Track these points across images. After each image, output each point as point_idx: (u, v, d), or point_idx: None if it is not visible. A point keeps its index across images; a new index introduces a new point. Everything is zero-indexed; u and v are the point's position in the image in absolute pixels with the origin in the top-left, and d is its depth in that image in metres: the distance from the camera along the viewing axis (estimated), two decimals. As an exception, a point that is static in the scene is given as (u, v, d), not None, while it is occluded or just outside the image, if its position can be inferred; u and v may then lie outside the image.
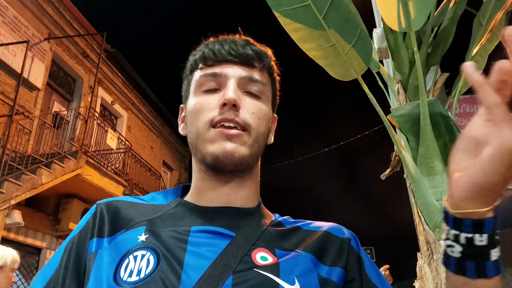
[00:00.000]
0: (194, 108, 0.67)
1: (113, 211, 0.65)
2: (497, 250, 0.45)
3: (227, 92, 0.64)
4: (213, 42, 0.71)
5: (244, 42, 0.71)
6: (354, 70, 1.68)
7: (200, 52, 0.71)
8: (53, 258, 0.63)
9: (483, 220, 0.45)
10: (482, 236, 0.45)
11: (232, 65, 0.68)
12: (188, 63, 0.74)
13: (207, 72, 0.68)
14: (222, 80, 0.67)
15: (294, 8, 1.53)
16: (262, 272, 0.57)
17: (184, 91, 0.75)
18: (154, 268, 0.57)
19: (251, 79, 0.68)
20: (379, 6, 1.85)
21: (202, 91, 0.68)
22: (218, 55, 0.68)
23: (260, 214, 0.69)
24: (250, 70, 0.69)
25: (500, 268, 0.46)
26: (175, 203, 0.69)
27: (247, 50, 0.69)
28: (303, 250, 0.63)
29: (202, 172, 0.68)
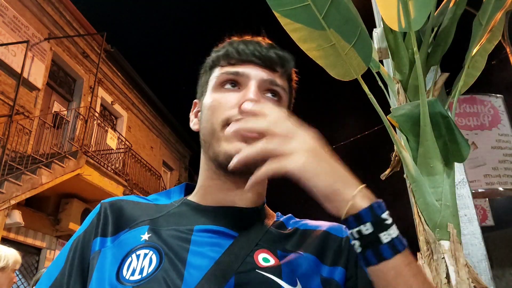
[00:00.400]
0: (211, 105, 0.66)
1: (117, 210, 0.66)
2: (386, 233, 0.50)
3: (248, 93, 0.63)
4: (237, 42, 0.71)
5: (269, 45, 0.71)
6: (354, 70, 1.68)
7: (223, 49, 0.70)
8: (59, 257, 0.64)
9: (359, 212, 0.51)
10: (366, 225, 0.50)
11: (255, 66, 0.67)
12: (208, 59, 0.73)
13: (229, 70, 0.67)
14: (243, 80, 0.66)
15: (294, 8, 1.53)
16: (264, 273, 0.57)
17: (201, 86, 0.74)
18: (156, 267, 0.57)
19: (272, 82, 0.67)
20: (379, 6, 1.85)
21: (221, 88, 0.67)
22: (242, 54, 0.68)
23: (263, 215, 0.69)
24: (271, 73, 0.68)
25: (397, 248, 0.50)
26: (179, 203, 0.69)
27: (271, 54, 0.68)
28: (305, 251, 0.64)
29: (211, 171, 0.67)
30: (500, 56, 6.09)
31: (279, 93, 0.68)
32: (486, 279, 1.80)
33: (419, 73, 1.66)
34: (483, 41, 1.92)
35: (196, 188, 0.71)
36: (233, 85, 0.67)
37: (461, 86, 1.89)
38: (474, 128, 4.99)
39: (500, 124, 5.04)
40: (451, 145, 1.62)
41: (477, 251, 1.91)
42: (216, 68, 0.70)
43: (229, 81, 0.67)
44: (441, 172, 1.65)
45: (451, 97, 1.92)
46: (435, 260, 1.56)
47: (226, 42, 0.73)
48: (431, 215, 1.61)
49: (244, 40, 0.71)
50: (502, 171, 4.77)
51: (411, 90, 1.91)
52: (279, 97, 0.68)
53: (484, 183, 4.72)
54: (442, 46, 1.94)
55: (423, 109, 1.59)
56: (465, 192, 2.04)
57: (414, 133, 1.68)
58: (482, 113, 5.09)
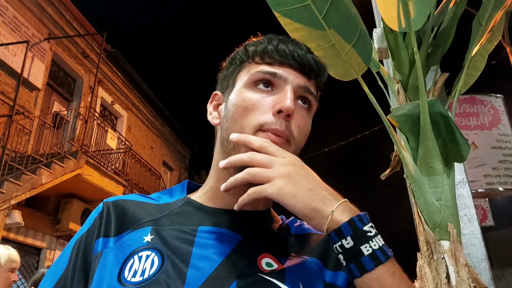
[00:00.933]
0: (243, 104, 0.63)
1: (119, 210, 0.65)
2: (367, 245, 0.52)
3: (286, 100, 0.60)
4: (277, 39, 0.67)
5: (307, 49, 0.68)
6: (354, 70, 1.68)
7: (261, 45, 0.66)
8: (62, 257, 0.63)
9: (340, 227, 0.53)
10: (347, 239, 0.52)
11: (293, 70, 0.64)
12: (239, 51, 0.69)
13: (266, 70, 0.64)
14: (279, 82, 0.63)
15: (294, 8, 1.53)
16: (267, 277, 0.57)
17: (225, 79, 0.70)
18: (158, 269, 0.56)
19: (306, 90, 0.65)
20: (379, 6, 1.85)
21: (254, 87, 0.64)
22: (282, 55, 0.64)
23: (268, 218, 0.68)
24: (307, 80, 0.65)
25: (379, 259, 0.52)
26: (182, 202, 0.68)
27: (309, 59, 0.65)
28: (309, 255, 0.63)
29: (226, 173, 0.64)
30: (500, 56, 6.09)
31: (310, 102, 0.66)
32: (486, 279, 1.80)
33: (419, 73, 1.66)
34: (483, 41, 1.92)
35: (204, 188, 0.69)
36: (266, 85, 0.64)
37: (461, 86, 1.89)
38: (474, 128, 4.99)
39: (500, 124, 5.04)
40: (451, 145, 1.62)
41: (477, 251, 1.91)
42: (250, 63, 0.66)
43: (264, 80, 0.64)
44: (441, 172, 1.64)
45: (451, 97, 1.92)
46: (435, 260, 1.55)
47: (263, 37, 0.69)
48: (431, 215, 1.61)
49: (284, 39, 0.68)
50: (502, 171, 4.77)
51: (411, 90, 1.91)
52: (309, 105, 0.66)
53: (484, 183, 4.72)
54: (442, 46, 1.94)
55: (423, 109, 1.59)
56: (465, 192, 2.04)
57: (414, 133, 1.68)
58: (482, 113, 5.09)
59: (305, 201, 0.53)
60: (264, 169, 0.56)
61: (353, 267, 0.52)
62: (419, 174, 1.66)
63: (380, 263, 0.51)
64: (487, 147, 4.86)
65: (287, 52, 0.64)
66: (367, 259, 0.51)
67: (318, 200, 0.54)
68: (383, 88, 1.98)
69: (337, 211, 0.53)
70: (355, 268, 0.52)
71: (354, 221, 0.53)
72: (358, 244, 0.52)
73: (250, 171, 0.56)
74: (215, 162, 0.68)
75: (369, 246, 0.52)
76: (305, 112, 0.65)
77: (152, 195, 0.72)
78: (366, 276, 0.51)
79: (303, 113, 0.65)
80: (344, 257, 0.53)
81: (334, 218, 0.53)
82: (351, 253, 0.52)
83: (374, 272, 0.51)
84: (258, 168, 0.56)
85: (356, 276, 0.52)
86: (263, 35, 0.70)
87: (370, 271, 0.51)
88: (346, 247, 0.52)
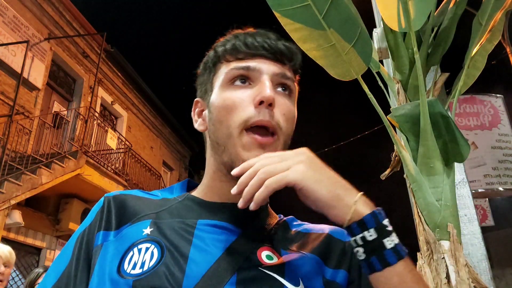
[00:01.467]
0: (225, 104, 0.63)
1: (120, 204, 0.65)
2: (389, 238, 0.51)
3: (264, 89, 0.60)
4: (243, 34, 0.67)
5: (276, 36, 0.67)
6: (354, 70, 1.68)
7: (229, 43, 0.66)
8: (65, 251, 0.63)
9: (362, 219, 0.51)
10: (370, 231, 0.51)
11: (265, 60, 0.64)
12: (210, 54, 0.69)
13: (239, 65, 0.63)
14: (254, 75, 0.63)
15: (294, 8, 1.53)
16: (267, 271, 0.57)
17: (203, 84, 0.70)
18: (157, 261, 0.56)
19: (283, 76, 0.64)
20: (379, 6, 1.85)
21: (231, 85, 0.64)
22: (251, 47, 0.64)
23: (267, 214, 0.68)
24: (282, 67, 0.65)
25: (400, 253, 0.51)
26: (182, 198, 0.68)
27: (280, 46, 0.65)
28: (309, 251, 0.63)
29: (220, 173, 0.65)
30: (500, 56, 6.09)
31: (290, 87, 0.66)
32: (486, 279, 1.80)
33: (419, 73, 1.66)
34: (483, 41, 1.92)
35: (201, 187, 0.69)
36: (243, 81, 0.63)
37: (461, 86, 1.89)
38: (474, 128, 4.99)
39: (500, 124, 5.04)
40: (451, 145, 1.62)
41: (477, 251, 1.91)
42: (222, 63, 0.66)
43: (240, 76, 0.63)
44: (441, 172, 1.64)
45: (451, 97, 1.92)
46: (435, 260, 1.55)
47: (229, 35, 0.69)
48: (431, 215, 1.61)
49: (250, 32, 0.67)
50: (502, 171, 4.77)
51: (411, 90, 1.91)
52: (289, 90, 0.66)
53: (484, 183, 4.72)
54: (442, 46, 1.94)
55: (423, 109, 1.59)
56: (465, 192, 2.04)
57: (414, 133, 1.68)
58: (482, 113, 5.09)
59: (329, 188, 0.52)
60: (279, 163, 0.54)
61: (375, 260, 0.51)
62: (419, 174, 1.66)
63: (401, 257, 0.51)
64: (487, 147, 4.86)
65: (256, 44, 0.64)
66: (390, 252, 0.51)
67: (341, 188, 0.53)
68: (383, 88, 1.98)
69: (359, 202, 0.52)
70: (376, 261, 0.51)
71: (376, 214, 0.52)
72: (381, 237, 0.51)
73: (264, 170, 0.53)
74: (208, 164, 0.69)
75: (391, 240, 0.51)
76: (287, 99, 0.65)
77: (153, 191, 0.72)
78: (387, 270, 0.50)
79: (285, 100, 0.65)
80: (366, 250, 0.51)
81: (357, 209, 0.52)
82: (374, 246, 0.51)
83: (396, 266, 0.50)
84: (272, 165, 0.53)
85: (377, 270, 0.51)
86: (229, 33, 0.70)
87: (392, 265, 0.50)
88: (368, 240, 0.51)
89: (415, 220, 1.71)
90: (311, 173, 0.53)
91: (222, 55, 0.66)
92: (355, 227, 0.52)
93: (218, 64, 0.67)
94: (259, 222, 0.65)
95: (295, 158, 0.54)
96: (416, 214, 1.69)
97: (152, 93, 11.86)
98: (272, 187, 0.52)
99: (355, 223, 0.52)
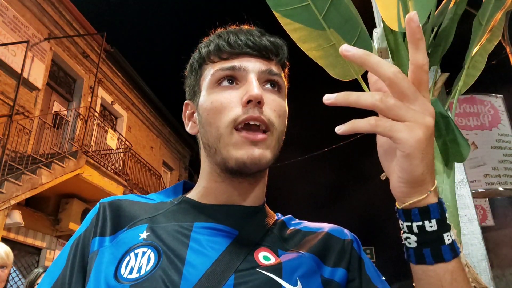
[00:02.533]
0: (212, 106, 0.62)
1: (115, 209, 0.65)
2: (449, 234, 0.48)
3: (252, 88, 0.59)
4: (226, 33, 0.65)
5: (259, 32, 0.66)
6: (354, 70, 1.68)
7: (212, 43, 0.65)
8: (60, 257, 0.63)
9: (428, 206, 0.47)
10: (432, 222, 0.47)
11: (250, 58, 0.63)
12: (195, 56, 0.68)
13: (224, 66, 0.63)
14: (241, 74, 0.62)
15: (294, 8, 1.53)
16: (265, 272, 0.57)
17: (191, 86, 0.69)
18: (154, 265, 0.56)
19: (270, 72, 0.63)
20: (379, 6, 1.85)
21: (218, 86, 0.63)
22: (235, 47, 0.63)
23: (264, 214, 0.68)
24: (268, 63, 0.64)
25: (457, 251, 0.48)
26: (178, 200, 0.68)
27: (264, 42, 0.64)
28: (307, 251, 0.63)
29: (215, 174, 0.65)
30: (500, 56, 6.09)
31: (278, 83, 0.65)
32: (486, 279, 1.80)
33: (419, 73, 1.66)
34: (483, 41, 1.91)
35: (197, 189, 0.69)
36: (230, 81, 0.63)
37: (461, 86, 1.89)
38: (474, 128, 4.99)
39: (500, 124, 5.04)
40: (451, 145, 1.62)
41: (477, 251, 1.91)
42: (208, 64, 0.65)
43: (226, 77, 0.63)
44: (441, 172, 1.64)
45: (451, 97, 1.92)
46: (435, 260, 1.55)
47: (212, 35, 0.68)
48: (431, 215, 1.61)
49: (233, 30, 0.66)
50: (502, 171, 4.77)
51: (411, 90, 1.91)
52: (278, 86, 0.65)
53: (484, 183, 4.72)
54: (442, 46, 1.94)
55: (423, 109, 1.59)
56: (465, 192, 2.04)
57: (414, 133, 1.68)
58: (482, 113, 5.09)
59: (424, 169, 0.45)
60: (404, 104, 0.44)
61: (428, 253, 0.47)
62: (419, 174, 1.66)
63: (456, 255, 0.48)
64: (487, 147, 4.86)
65: (239, 43, 0.63)
66: (447, 248, 0.47)
67: (429, 173, 0.46)
68: (383, 88, 1.98)
69: (433, 192, 0.47)
70: (429, 254, 0.47)
71: (442, 204, 0.48)
72: (441, 230, 0.47)
73: (386, 101, 0.43)
74: (202, 165, 0.68)
75: (449, 235, 0.48)
76: (276, 95, 0.64)
77: (149, 195, 0.72)
78: (440, 266, 0.47)
79: (274, 96, 0.64)
80: (419, 239, 0.47)
81: (426, 197, 0.47)
82: (432, 238, 0.47)
83: (450, 263, 0.47)
84: (396, 100, 0.44)
85: (427, 263, 0.48)
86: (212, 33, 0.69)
87: (446, 261, 0.47)
88: (427, 230, 0.47)
89: (415, 220, 1.71)
90: (424, 146, 0.44)
91: (207, 56, 0.65)
92: (416, 213, 0.47)
93: (204, 65, 0.66)
94: (256, 223, 0.65)
95: (422, 116, 0.44)
96: (416, 214, 1.69)
97: (152, 93, 11.86)
98: (375, 129, 0.44)
99: (416, 209, 0.47)
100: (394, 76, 0.43)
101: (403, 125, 0.43)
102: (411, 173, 0.46)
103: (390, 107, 0.43)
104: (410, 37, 0.44)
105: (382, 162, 0.52)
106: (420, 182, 0.46)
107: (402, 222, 0.49)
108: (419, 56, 0.45)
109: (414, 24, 0.44)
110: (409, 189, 0.47)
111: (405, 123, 0.44)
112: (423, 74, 0.45)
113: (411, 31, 0.44)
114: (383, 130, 0.44)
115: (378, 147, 0.52)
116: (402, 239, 0.50)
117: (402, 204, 0.48)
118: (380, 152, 0.52)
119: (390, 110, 0.43)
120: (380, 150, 0.52)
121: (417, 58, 0.45)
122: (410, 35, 0.44)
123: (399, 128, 0.43)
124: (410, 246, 0.49)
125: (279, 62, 0.66)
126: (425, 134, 0.44)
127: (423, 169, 0.45)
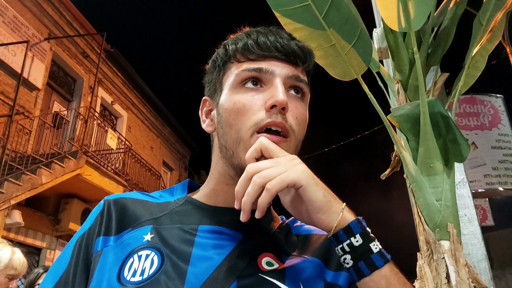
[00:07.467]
0: (235, 107, 0.60)
1: (120, 208, 0.64)
2: (375, 243, 0.53)
3: (277, 93, 0.58)
4: (255, 32, 0.64)
5: (289, 36, 0.65)
6: (354, 70, 1.68)
7: (240, 42, 0.63)
8: (63, 255, 0.62)
9: (349, 225, 0.53)
10: (356, 237, 0.52)
11: (278, 61, 0.61)
12: (220, 52, 0.66)
13: (251, 67, 0.61)
14: (267, 77, 0.60)
15: (294, 8, 1.53)
16: (267, 277, 0.57)
17: (212, 83, 0.67)
18: (157, 268, 0.56)
19: (296, 78, 0.62)
20: (379, 6, 1.85)
21: (242, 87, 0.61)
22: (264, 48, 0.61)
23: (269, 217, 0.67)
24: (295, 69, 0.62)
25: (386, 257, 0.53)
26: (182, 200, 0.67)
27: (293, 46, 0.63)
28: (310, 255, 0.63)
29: (227, 176, 0.63)
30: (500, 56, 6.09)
31: (302, 90, 0.64)
32: (486, 279, 1.80)
33: (419, 73, 1.66)
34: (484, 41, 1.91)
35: (205, 190, 0.68)
36: (255, 83, 0.61)
37: (461, 86, 1.89)
38: (474, 128, 4.99)
39: (500, 124, 5.04)
40: (451, 145, 1.62)
41: (477, 251, 1.91)
42: (233, 63, 0.64)
43: (251, 78, 0.61)
44: (441, 172, 1.64)
45: (451, 97, 1.92)
46: (435, 260, 1.55)
47: (240, 33, 0.66)
48: (431, 215, 1.61)
49: (262, 30, 0.64)
50: (502, 171, 4.77)
51: (411, 90, 1.91)
52: (302, 93, 0.64)
53: (484, 183, 4.72)
54: (442, 46, 1.94)
55: (423, 109, 1.59)
56: (465, 192, 2.04)
57: (414, 133, 1.68)
58: (482, 113, 5.09)
59: (324, 192, 0.53)
60: (273, 168, 0.53)
61: (362, 265, 0.51)
62: (419, 174, 1.66)
63: (387, 261, 0.52)
64: (487, 147, 4.86)
65: (268, 44, 0.61)
66: (377, 256, 0.52)
67: (331, 195, 0.54)
68: (383, 88, 1.98)
69: (345, 209, 0.54)
70: (364, 267, 0.51)
71: (360, 220, 0.53)
72: (367, 242, 0.52)
73: (259, 175, 0.52)
74: (214, 166, 0.67)
75: (375, 244, 0.53)
76: (299, 102, 0.63)
77: (153, 193, 0.71)
78: (375, 273, 0.51)
79: (298, 103, 0.62)
80: (353, 256, 0.52)
81: (344, 216, 0.53)
82: (361, 251, 0.52)
83: (382, 269, 0.51)
84: (267, 169, 0.53)
85: (366, 274, 0.52)
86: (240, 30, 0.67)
87: (379, 268, 0.51)
88: (355, 245, 0.52)
89: (415, 220, 1.71)
90: (311, 175, 0.53)
91: (233, 54, 0.63)
92: (341, 234, 0.53)
93: (228, 63, 0.64)
94: (261, 227, 0.64)
95: (291, 161, 0.54)
96: (416, 214, 1.69)
97: (152, 93, 11.86)
98: (275, 189, 0.51)
99: (341, 230, 0.53)
100: (253, 170, 0.54)
101: (287, 172, 0.52)
102: (316, 198, 0.52)
103: (266, 176, 0.52)
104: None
105: (293, 213, 0.57)
106: (328, 203, 0.53)
107: (336, 247, 0.54)
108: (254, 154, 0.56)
109: None
110: (324, 214, 0.53)
111: (286, 172, 0.52)
112: (267, 148, 0.56)
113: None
114: (279, 185, 0.51)
115: (284, 204, 0.59)
116: (344, 264, 0.54)
117: (330, 233, 0.54)
118: (287, 205, 0.58)
119: (267, 177, 0.52)
120: (287, 204, 0.58)
121: None
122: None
123: (285, 175, 0.51)
124: (349, 266, 0.53)
125: (306, 69, 0.65)
126: (304, 167, 0.53)
127: (323, 192, 0.53)
